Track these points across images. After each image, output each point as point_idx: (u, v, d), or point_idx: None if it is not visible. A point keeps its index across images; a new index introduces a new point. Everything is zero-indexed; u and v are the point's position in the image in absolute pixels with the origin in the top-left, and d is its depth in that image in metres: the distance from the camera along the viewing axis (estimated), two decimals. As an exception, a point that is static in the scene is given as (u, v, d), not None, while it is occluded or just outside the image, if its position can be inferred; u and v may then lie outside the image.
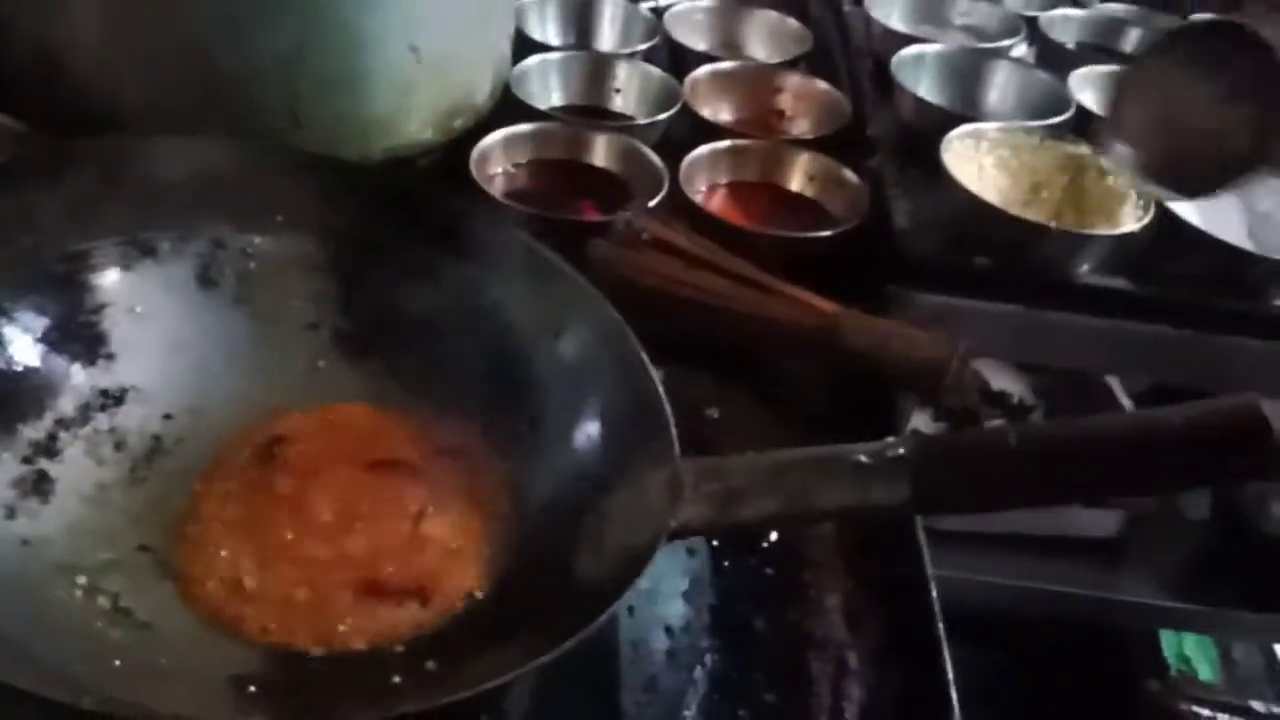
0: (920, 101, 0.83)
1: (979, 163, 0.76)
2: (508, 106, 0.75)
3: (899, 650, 0.51)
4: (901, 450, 0.43)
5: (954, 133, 0.76)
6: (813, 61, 0.92)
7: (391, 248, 0.55)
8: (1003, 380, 0.94)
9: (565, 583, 0.43)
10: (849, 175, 0.75)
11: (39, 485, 0.45)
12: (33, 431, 0.46)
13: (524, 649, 0.38)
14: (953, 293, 0.72)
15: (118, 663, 0.39)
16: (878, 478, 0.42)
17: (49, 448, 0.47)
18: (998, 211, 0.71)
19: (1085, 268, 0.73)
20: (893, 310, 0.66)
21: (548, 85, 0.82)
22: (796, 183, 0.77)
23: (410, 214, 0.55)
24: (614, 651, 0.46)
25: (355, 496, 0.47)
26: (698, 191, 0.73)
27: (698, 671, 0.47)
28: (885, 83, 0.85)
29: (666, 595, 0.49)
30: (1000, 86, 0.88)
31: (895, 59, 0.85)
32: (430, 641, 0.43)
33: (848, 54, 0.94)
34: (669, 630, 0.48)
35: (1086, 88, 0.86)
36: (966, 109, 0.85)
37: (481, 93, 0.73)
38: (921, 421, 0.65)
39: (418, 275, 0.54)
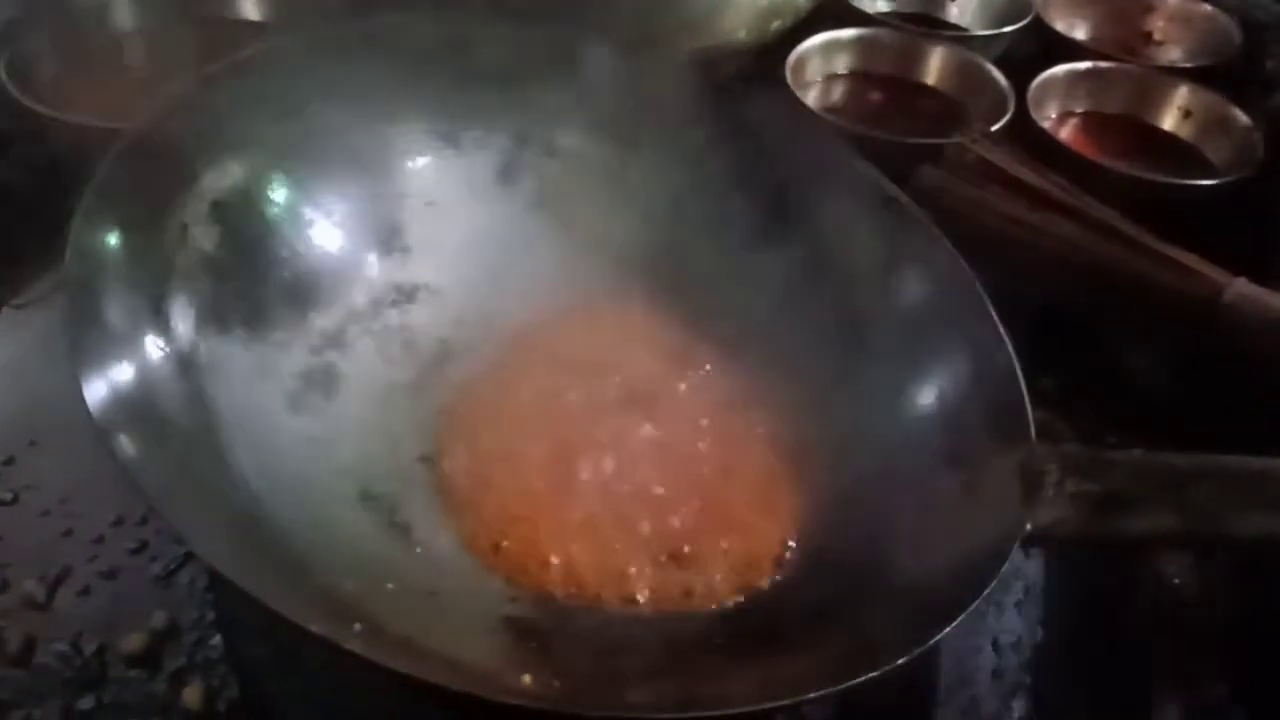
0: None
1: None
2: (828, 11, 0.68)
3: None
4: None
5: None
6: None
7: (699, 159, 0.49)
8: None
9: (880, 579, 0.36)
10: (1238, 115, 0.63)
11: (326, 379, 0.43)
12: (324, 321, 0.44)
13: (833, 657, 0.32)
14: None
15: (390, 585, 0.36)
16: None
17: (339, 340, 0.44)
18: None
19: None
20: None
21: (875, -13, 0.74)
22: (1169, 120, 0.66)
23: (726, 120, 0.49)
24: (932, 663, 0.39)
25: (663, 444, 0.42)
26: (1047, 119, 0.64)
27: (1017, 701, 0.39)
28: (1290, 5, 0.71)
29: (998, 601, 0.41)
30: None
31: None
32: (725, 619, 0.37)
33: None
34: (995, 646, 0.41)
35: None
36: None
37: (804, -10, 0.66)
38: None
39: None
